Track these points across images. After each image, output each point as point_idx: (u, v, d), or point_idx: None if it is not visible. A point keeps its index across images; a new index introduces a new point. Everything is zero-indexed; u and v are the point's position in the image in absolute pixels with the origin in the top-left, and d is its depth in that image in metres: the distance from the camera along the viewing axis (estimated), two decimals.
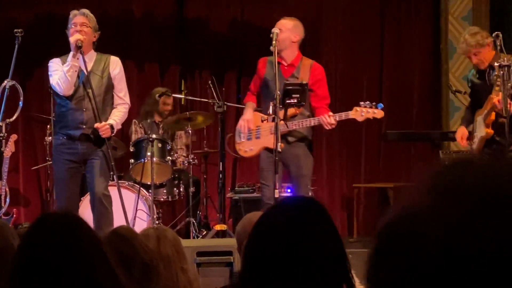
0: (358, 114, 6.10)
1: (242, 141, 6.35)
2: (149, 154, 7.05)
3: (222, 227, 6.81)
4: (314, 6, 9.06)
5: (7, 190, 7.39)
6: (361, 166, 9.06)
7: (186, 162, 7.62)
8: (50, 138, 7.11)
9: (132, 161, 7.23)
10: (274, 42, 5.80)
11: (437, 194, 0.80)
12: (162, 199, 7.68)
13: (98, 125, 5.77)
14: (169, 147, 7.30)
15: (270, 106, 5.87)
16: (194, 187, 7.66)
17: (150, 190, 7.01)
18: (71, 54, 5.79)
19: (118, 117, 5.95)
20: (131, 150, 7.31)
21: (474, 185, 0.78)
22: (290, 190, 7.61)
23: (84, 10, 5.88)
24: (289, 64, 6.15)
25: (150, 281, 2.51)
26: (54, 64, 5.93)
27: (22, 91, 6.18)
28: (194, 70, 9.06)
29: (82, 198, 6.65)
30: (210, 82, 7.51)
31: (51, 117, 6.52)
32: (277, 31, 5.90)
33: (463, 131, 6.35)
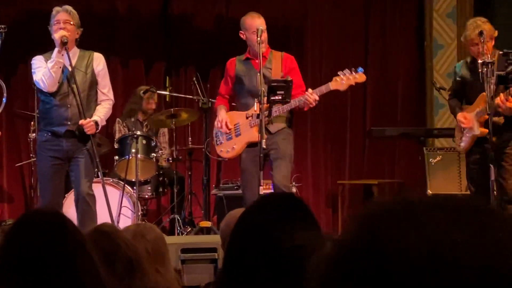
0: (339, 83, 5.94)
1: (222, 142, 6.24)
2: (133, 151, 7.03)
3: (206, 224, 6.81)
4: (299, 2, 9.07)
5: None
6: (345, 163, 9.07)
7: (170, 159, 7.62)
8: (34, 134, 7.08)
9: (116, 158, 7.22)
10: (258, 39, 5.80)
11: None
12: (146, 196, 7.68)
13: (83, 121, 5.76)
14: (153, 144, 7.29)
15: (255, 103, 5.85)
16: (178, 184, 7.65)
17: (135, 187, 7.00)
18: (56, 50, 5.77)
19: (102, 113, 5.95)
20: (116, 147, 7.30)
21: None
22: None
23: (67, 7, 5.86)
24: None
25: (133, 278, 2.50)
26: (37, 61, 5.91)
27: (5, 88, 6.16)
28: (179, 67, 9.04)
29: (66, 195, 6.63)
30: (194, 78, 7.51)
31: (35, 113, 6.50)
32: (261, 28, 5.90)
33: (465, 114, 6.11)
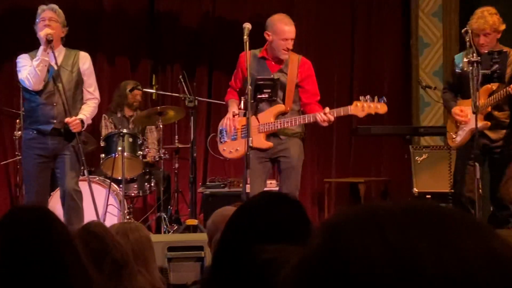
0: (359, 109, 5.73)
1: (226, 141, 6.05)
2: (120, 148, 7.01)
3: (193, 222, 6.80)
4: (285, 0, 9.06)
5: None
6: (332, 161, 9.09)
7: (157, 157, 7.61)
8: (20, 132, 7.05)
9: (103, 155, 7.20)
10: (245, 37, 5.71)
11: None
12: (133, 194, 7.66)
13: (68, 119, 5.75)
14: (140, 142, 7.28)
15: (242, 101, 5.83)
16: (165, 182, 7.64)
17: (121, 185, 6.98)
18: (41, 48, 5.77)
19: (88, 112, 5.94)
20: (102, 145, 7.28)
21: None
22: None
23: (52, 6, 5.87)
24: (277, 59, 5.94)
25: (121, 278, 2.50)
26: (23, 59, 5.91)
27: None
28: (165, 65, 9.03)
29: (52, 193, 6.61)
30: (181, 76, 7.49)
31: (21, 111, 6.48)
32: (248, 26, 5.81)
33: (461, 107, 6.00)
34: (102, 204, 6.76)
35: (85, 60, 6.00)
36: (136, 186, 7.61)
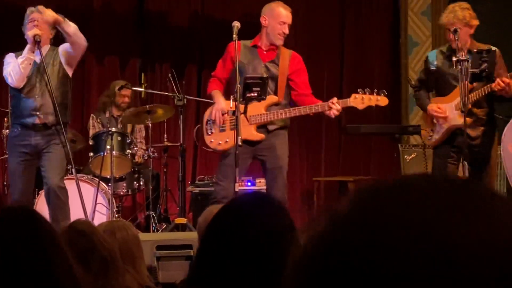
0: (359, 101, 5.70)
1: (213, 132, 5.89)
2: (108, 147, 7.00)
3: (182, 221, 6.79)
4: None
5: None
6: (321, 160, 9.10)
7: (146, 155, 7.59)
8: (7, 131, 7.03)
9: (91, 154, 7.19)
10: (234, 36, 5.67)
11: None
12: (122, 193, 7.65)
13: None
14: (128, 141, 7.26)
15: (231, 100, 5.79)
16: (154, 181, 7.63)
17: (110, 184, 6.96)
18: (28, 47, 5.84)
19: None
20: (90, 144, 7.26)
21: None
22: (250, 184, 7.62)
23: (40, 8, 5.87)
24: (269, 48, 5.91)
25: (108, 277, 2.49)
26: (9, 57, 5.98)
27: None
28: (154, 63, 9.02)
29: (40, 192, 6.59)
30: (170, 75, 7.48)
31: (9, 109, 6.46)
32: (237, 25, 5.76)
33: (438, 105, 6.00)
34: (90, 203, 6.74)
35: (61, 48, 5.98)
36: (125, 184, 7.60)
